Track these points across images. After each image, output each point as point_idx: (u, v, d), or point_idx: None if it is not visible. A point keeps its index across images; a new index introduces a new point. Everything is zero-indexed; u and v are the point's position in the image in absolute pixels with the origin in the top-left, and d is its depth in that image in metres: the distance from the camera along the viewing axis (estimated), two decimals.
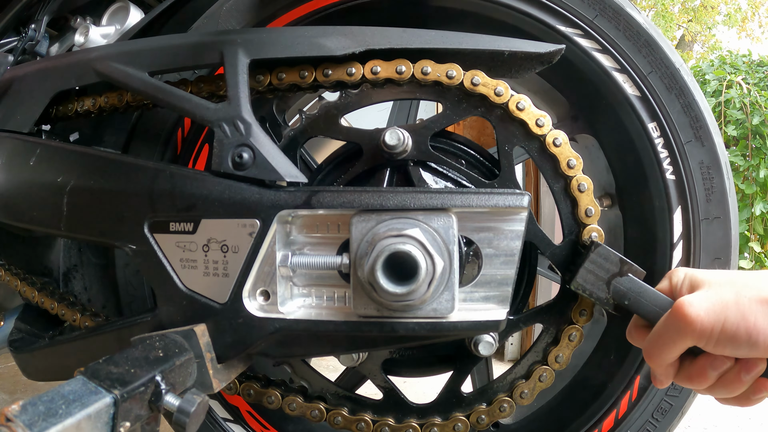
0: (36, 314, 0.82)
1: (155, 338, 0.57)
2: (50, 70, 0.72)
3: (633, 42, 0.70)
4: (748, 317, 0.43)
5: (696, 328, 0.44)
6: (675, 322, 0.46)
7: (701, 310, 0.45)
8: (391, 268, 0.53)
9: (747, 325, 0.43)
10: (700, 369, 0.47)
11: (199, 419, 0.53)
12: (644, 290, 0.53)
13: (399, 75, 0.63)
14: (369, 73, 0.63)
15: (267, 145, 0.58)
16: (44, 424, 0.42)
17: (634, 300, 0.53)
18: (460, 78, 0.63)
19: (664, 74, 0.69)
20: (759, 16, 9.26)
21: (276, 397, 0.69)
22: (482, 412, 0.67)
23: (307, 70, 0.65)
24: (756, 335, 0.43)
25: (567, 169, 0.63)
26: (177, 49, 0.65)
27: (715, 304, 0.45)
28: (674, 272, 0.52)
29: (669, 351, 0.47)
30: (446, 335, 0.57)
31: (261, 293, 0.58)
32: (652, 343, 0.49)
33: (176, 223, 0.59)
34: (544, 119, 0.63)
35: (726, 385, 0.47)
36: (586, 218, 0.63)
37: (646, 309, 0.52)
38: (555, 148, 0.63)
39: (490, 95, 0.63)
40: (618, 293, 0.54)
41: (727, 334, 0.44)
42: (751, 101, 2.52)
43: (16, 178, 0.70)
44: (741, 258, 2.47)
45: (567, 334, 0.64)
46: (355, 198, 0.56)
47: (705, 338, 0.45)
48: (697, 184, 0.68)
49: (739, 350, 0.44)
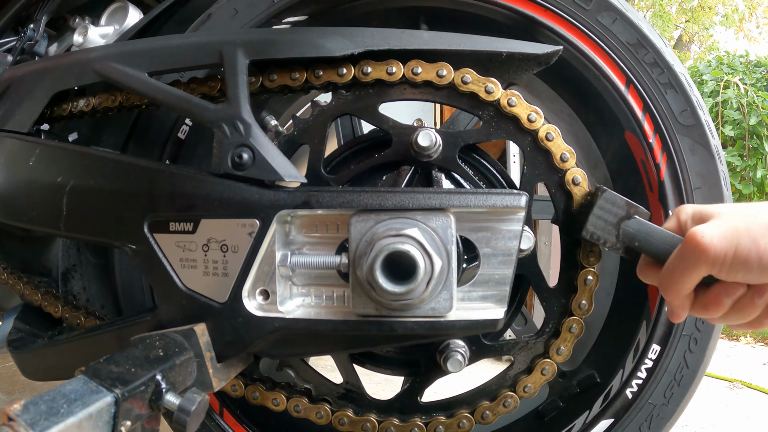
0: (35, 314, 0.82)
1: (155, 337, 0.57)
2: (49, 70, 0.72)
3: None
4: (759, 242, 0.44)
5: (710, 254, 0.45)
6: (689, 251, 0.47)
7: (714, 238, 0.45)
8: (390, 267, 0.53)
9: (758, 249, 0.44)
10: (715, 297, 0.48)
11: (200, 418, 0.53)
12: (653, 230, 0.53)
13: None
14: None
15: (266, 146, 0.58)
16: (46, 423, 0.43)
17: (644, 240, 0.53)
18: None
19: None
20: (756, 17, 9.29)
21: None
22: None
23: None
24: (767, 259, 0.44)
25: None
26: (176, 49, 0.65)
27: (727, 231, 0.45)
28: (681, 209, 0.53)
29: (685, 281, 0.48)
30: (444, 334, 0.58)
31: (260, 293, 0.59)
32: (668, 276, 0.49)
33: (176, 222, 0.59)
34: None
35: (740, 311, 0.48)
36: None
37: (656, 247, 0.52)
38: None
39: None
40: (627, 235, 0.54)
41: (740, 259, 0.44)
42: (748, 102, 2.53)
43: (15, 178, 0.70)
44: None
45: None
46: (354, 198, 0.56)
47: (719, 264, 0.45)
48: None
49: (751, 274, 0.45)
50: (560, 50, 0.65)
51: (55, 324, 0.81)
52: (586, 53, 0.71)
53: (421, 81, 0.64)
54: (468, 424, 0.67)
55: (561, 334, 0.65)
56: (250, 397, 0.70)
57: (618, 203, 0.56)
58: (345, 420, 0.68)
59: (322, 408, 0.68)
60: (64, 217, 0.65)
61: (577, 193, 0.63)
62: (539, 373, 0.65)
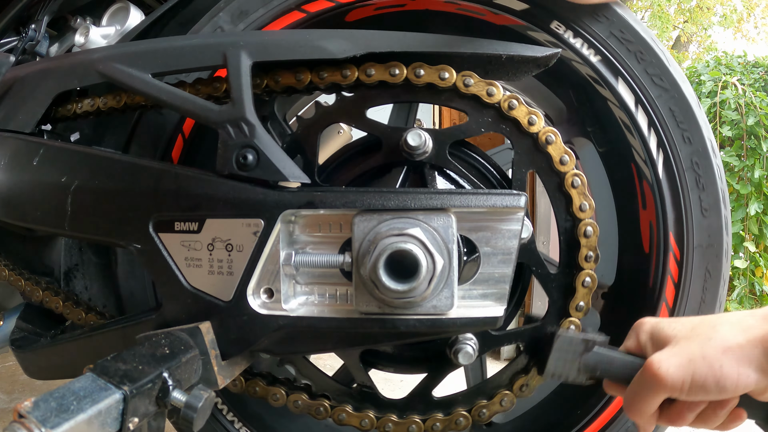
0: (37, 313, 0.82)
1: (161, 336, 0.58)
2: (52, 70, 0.73)
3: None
4: (714, 366, 0.47)
5: (667, 384, 0.48)
6: (647, 380, 0.50)
7: (671, 367, 0.48)
8: (393, 266, 0.55)
9: (714, 373, 0.47)
10: (678, 413, 0.51)
11: (206, 414, 0.54)
12: (612, 358, 0.56)
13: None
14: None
15: (271, 147, 0.59)
16: (56, 419, 0.43)
17: (605, 369, 0.56)
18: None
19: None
20: (755, 17, 9.32)
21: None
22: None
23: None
24: (723, 381, 0.47)
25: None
26: (180, 50, 0.66)
27: (683, 359, 0.48)
28: (639, 327, 0.56)
29: (646, 406, 0.51)
30: (446, 331, 0.59)
31: (265, 291, 0.60)
32: (629, 401, 0.53)
33: (181, 222, 0.60)
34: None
35: (705, 421, 0.51)
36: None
37: (618, 374, 0.55)
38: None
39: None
40: (589, 368, 0.57)
41: (697, 384, 0.47)
42: (746, 102, 2.55)
43: (20, 178, 0.70)
44: (736, 257, 2.49)
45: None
46: (357, 198, 0.57)
47: (677, 391, 0.48)
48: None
49: (709, 396, 0.48)
50: (559, 53, 0.66)
51: (58, 323, 0.82)
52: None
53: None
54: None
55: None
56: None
57: (575, 342, 0.58)
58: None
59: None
60: (68, 217, 0.65)
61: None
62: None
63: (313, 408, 0.70)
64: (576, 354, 0.57)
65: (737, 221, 2.49)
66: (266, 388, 0.70)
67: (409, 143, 0.65)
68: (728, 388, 0.47)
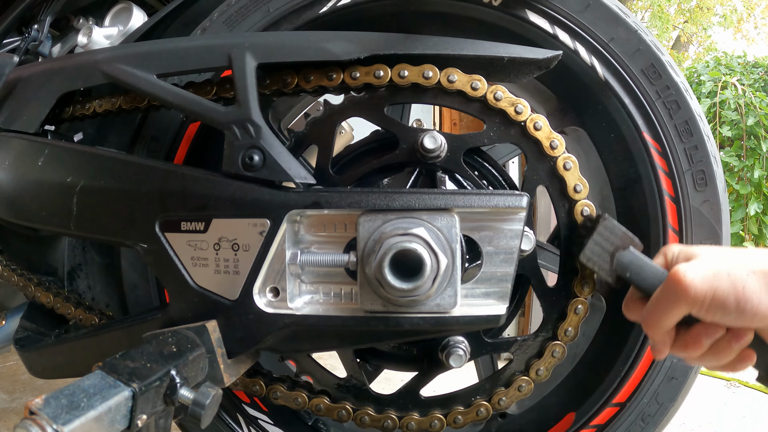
0: (41, 313, 0.82)
1: (168, 334, 0.58)
2: (57, 70, 0.73)
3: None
4: (738, 285, 0.46)
5: (690, 294, 0.47)
6: (671, 289, 0.49)
7: (696, 277, 0.47)
8: (397, 265, 0.55)
9: (736, 292, 0.46)
10: (695, 337, 0.50)
11: (213, 412, 0.55)
12: (644, 263, 0.55)
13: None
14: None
15: (277, 147, 0.60)
16: (67, 416, 0.44)
17: (635, 272, 0.55)
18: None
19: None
20: (754, 18, 9.35)
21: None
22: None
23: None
24: (744, 303, 0.46)
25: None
26: (185, 51, 0.67)
27: (708, 272, 0.47)
28: (669, 248, 0.55)
29: (666, 318, 0.50)
30: (449, 329, 0.60)
31: (270, 290, 0.60)
32: (651, 312, 0.51)
33: (187, 222, 0.61)
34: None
35: (717, 353, 0.50)
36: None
37: (645, 281, 0.54)
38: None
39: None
40: (621, 266, 0.56)
41: (718, 300, 0.46)
42: (745, 102, 2.56)
43: (24, 179, 0.71)
44: None
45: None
46: (362, 199, 0.58)
47: (698, 304, 0.47)
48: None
49: (728, 317, 0.47)
50: (560, 55, 0.67)
51: (62, 322, 0.82)
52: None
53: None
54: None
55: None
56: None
57: (616, 232, 0.57)
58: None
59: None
60: (74, 217, 0.66)
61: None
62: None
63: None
64: (613, 246, 0.57)
65: (737, 221, 2.51)
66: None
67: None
68: (747, 312, 0.46)
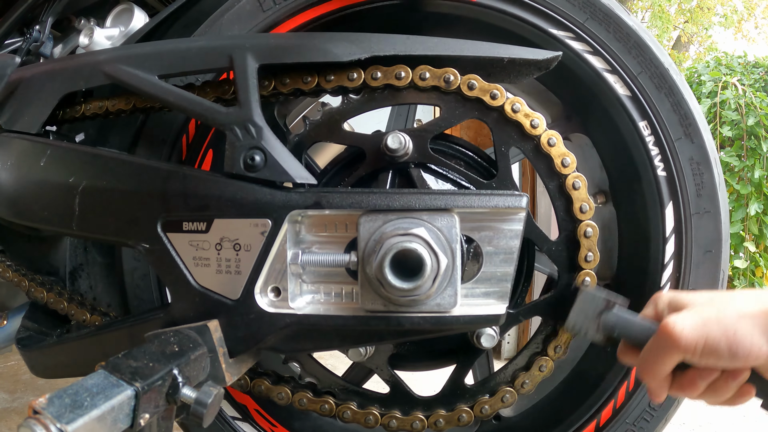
0: (43, 312, 0.83)
1: (170, 334, 0.59)
2: (58, 71, 0.73)
3: (623, 43, 0.73)
4: (728, 331, 0.47)
5: (681, 344, 0.49)
6: (663, 340, 0.50)
7: (685, 328, 0.49)
8: (398, 265, 0.56)
9: (727, 338, 0.47)
10: (691, 380, 0.51)
11: (215, 411, 0.55)
12: (630, 321, 0.57)
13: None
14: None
15: (278, 148, 0.60)
16: (71, 415, 0.44)
17: (623, 330, 0.57)
18: (457, 83, 0.66)
19: (654, 74, 0.72)
20: (755, 18, 9.34)
21: (286, 393, 0.71)
22: (485, 402, 0.70)
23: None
24: (736, 347, 0.47)
25: (561, 167, 0.67)
26: (186, 52, 0.67)
27: (698, 321, 0.49)
28: (658, 297, 0.57)
29: (660, 367, 0.51)
30: (449, 329, 0.60)
31: (272, 290, 0.61)
32: (644, 362, 0.53)
33: (189, 222, 0.61)
34: (538, 120, 0.66)
35: (715, 392, 0.51)
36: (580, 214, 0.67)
37: (634, 337, 0.56)
38: (550, 147, 0.66)
39: (486, 99, 0.66)
40: (607, 327, 0.58)
41: (710, 347, 0.48)
42: (746, 102, 2.56)
43: (26, 179, 0.71)
44: (736, 258, 2.50)
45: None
46: (363, 199, 0.59)
47: (690, 353, 0.49)
48: (687, 179, 0.72)
49: (721, 362, 0.48)
50: (559, 56, 0.67)
51: (63, 322, 0.83)
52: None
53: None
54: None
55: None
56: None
57: (597, 299, 0.59)
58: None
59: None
60: (76, 217, 0.66)
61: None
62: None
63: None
64: (596, 311, 0.58)
65: (737, 221, 2.51)
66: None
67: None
68: (740, 355, 0.47)
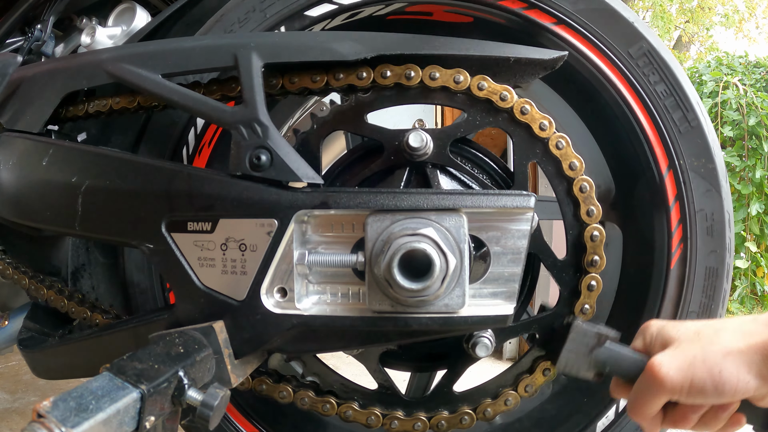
0: (45, 313, 0.82)
1: (175, 335, 0.58)
2: (61, 70, 0.73)
3: None
4: (714, 371, 0.48)
5: (667, 386, 0.49)
6: (649, 382, 0.51)
7: (671, 370, 0.50)
8: (406, 265, 0.55)
9: (713, 378, 0.48)
10: (682, 415, 0.52)
11: (221, 412, 0.54)
12: (621, 356, 0.57)
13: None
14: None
15: (284, 147, 0.60)
16: (76, 419, 0.44)
17: (614, 366, 0.57)
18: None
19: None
20: (756, 18, 9.35)
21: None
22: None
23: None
24: (722, 386, 0.48)
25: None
26: (190, 51, 0.66)
27: (683, 362, 0.50)
28: (647, 328, 0.57)
29: (648, 407, 0.52)
30: (457, 329, 0.60)
31: (278, 290, 0.60)
32: (633, 402, 0.54)
33: (194, 222, 0.61)
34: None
35: (707, 423, 0.53)
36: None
37: (625, 372, 0.56)
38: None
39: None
40: (599, 364, 0.58)
41: (696, 387, 0.49)
42: (747, 102, 2.57)
43: (29, 179, 0.70)
44: (737, 258, 2.51)
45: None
46: (370, 199, 0.58)
47: (677, 393, 0.50)
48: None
49: (708, 399, 0.49)
50: (565, 55, 0.67)
51: (66, 323, 0.82)
52: None
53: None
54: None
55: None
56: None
57: (588, 335, 0.59)
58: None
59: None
60: (79, 217, 0.65)
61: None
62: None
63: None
64: (588, 347, 0.58)
65: (739, 221, 2.51)
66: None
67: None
68: (727, 393, 0.48)
